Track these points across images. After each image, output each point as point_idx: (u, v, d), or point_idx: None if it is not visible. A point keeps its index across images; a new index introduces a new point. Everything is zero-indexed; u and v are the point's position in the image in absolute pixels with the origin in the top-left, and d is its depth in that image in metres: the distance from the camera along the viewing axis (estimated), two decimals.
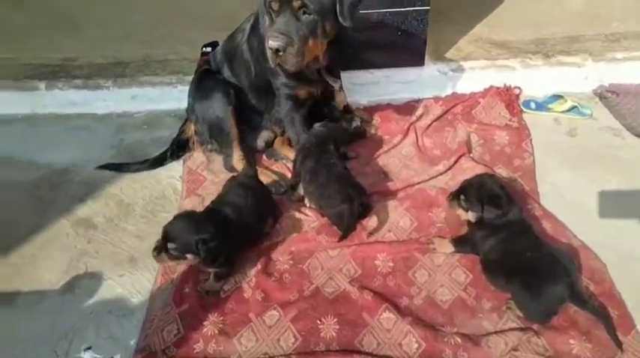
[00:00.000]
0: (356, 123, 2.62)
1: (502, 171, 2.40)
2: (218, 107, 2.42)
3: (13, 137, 2.89)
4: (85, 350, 1.81)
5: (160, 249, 1.79)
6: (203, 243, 1.78)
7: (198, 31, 3.24)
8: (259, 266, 2.04)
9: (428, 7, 2.70)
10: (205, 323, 1.86)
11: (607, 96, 2.84)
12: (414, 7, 2.68)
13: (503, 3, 3.59)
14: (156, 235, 2.09)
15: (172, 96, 2.97)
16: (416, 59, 2.89)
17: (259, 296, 1.93)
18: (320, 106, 2.54)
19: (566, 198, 2.26)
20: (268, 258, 2.07)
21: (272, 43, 1.93)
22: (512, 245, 1.81)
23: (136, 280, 2.05)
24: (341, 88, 2.55)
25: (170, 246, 1.79)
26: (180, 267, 2.05)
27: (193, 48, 3.07)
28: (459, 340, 1.73)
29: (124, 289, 2.02)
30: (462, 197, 1.94)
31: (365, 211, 2.16)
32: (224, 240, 1.86)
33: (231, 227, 1.94)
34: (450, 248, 2.01)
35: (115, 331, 1.88)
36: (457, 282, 1.94)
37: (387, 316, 1.82)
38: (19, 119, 3.02)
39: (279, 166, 2.56)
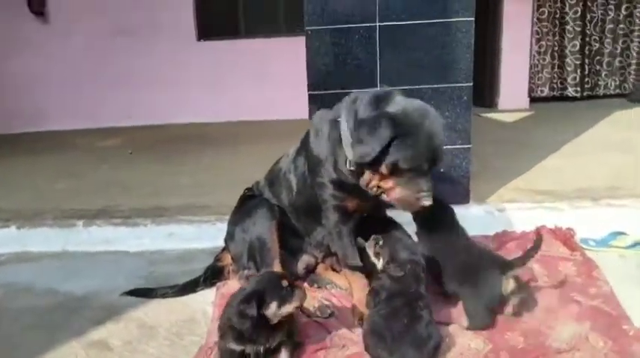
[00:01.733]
0: None
1: (582, 300, 2.09)
2: (260, 223, 2.30)
3: (36, 270, 2.73)
4: None
5: None
6: None
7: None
8: None
9: (469, 146, 2.79)
10: None
11: None
12: (455, 145, 2.77)
13: (538, 164, 3.73)
14: None
15: (210, 235, 2.88)
16: (461, 197, 2.85)
17: None
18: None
19: None
20: None
21: (427, 202, 1.83)
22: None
23: None
24: None
25: None
26: None
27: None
28: None
29: None
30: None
31: None
32: None
33: None
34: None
35: None
36: None
37: None
38: (48, 255, 2.91)
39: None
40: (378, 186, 1.91)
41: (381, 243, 1.98)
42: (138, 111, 6.57)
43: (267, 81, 6.48)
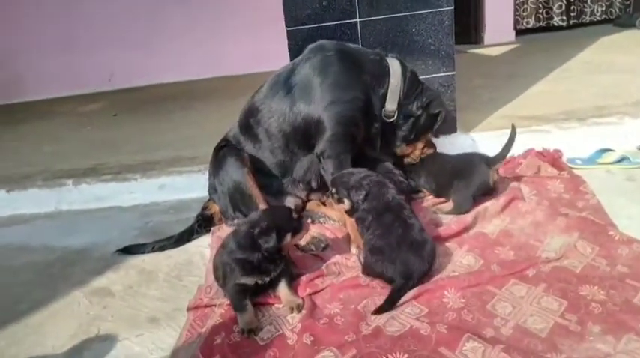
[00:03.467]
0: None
1: (569, 212, 2.13)
2: (233, 172, 2.29)
3: (30, 230, 2.74)
4: None
5: None
6: None
7: None
8: (304, 312, 1.69)
9: (454, 73, 2.76)
10: None
11: None
12: (439, 73, 2.74)
13: (524, 92, 3.72)
14: (181, 298, 1.88)
15: (201, 184, 2.86)
16: (448, 126, 2.84)
17: (308, 340, 1.55)
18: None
19: None
20: (313, 305, 1.74)
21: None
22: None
23: (157, 338, 1.70)
24: None
25: None
26: (211, 320, 1.71)
27: None
28: None
29: (142, 347, 1.66)
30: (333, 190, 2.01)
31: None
32: None
33: None
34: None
35: None
36: (550, 310, 1.56)
37: (473, 345, 1.43)
38: (42, 216, 2.91)
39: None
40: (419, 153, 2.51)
41: (333, 190, 2.01)
42: (118, 74, 6.42)
43: (249, 34, 6.31)
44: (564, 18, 6.97)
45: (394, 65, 2.33)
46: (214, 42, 6.38)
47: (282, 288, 1.77)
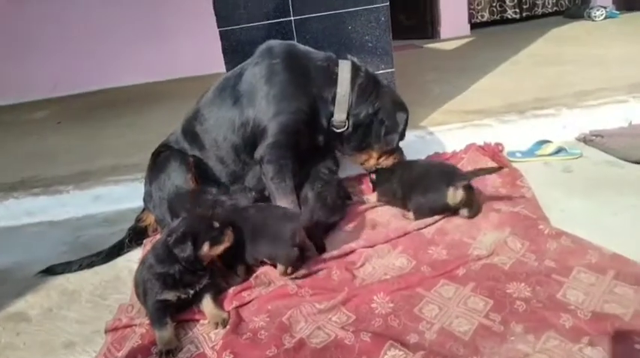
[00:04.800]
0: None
1: (502, 208, 2.11)
2: (176, 176, 2.20)
3: None
4: None
5: None
6: None
7: None
8: (228, 327, 1.62)
9: (393, 69, 2.72)
10: None
11: (592, 138, 2.72)
12: (378, 70, 2.69)
13: (472, 85, 3.72)
14: (102, 320, 1.79)
15: (139, 193, 2.70)
16: None
17: None
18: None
19: (579, 221, 1.96)
20: (239, 319, 1.66)
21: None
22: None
23: None
24: None
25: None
26: (130, 342, 1.62)
27: None
28: None
29: None
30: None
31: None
32: None
33: None
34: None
35: None
36: (476, 310, 1.53)
37: (394, 354, 1.38)
38: None
39: None
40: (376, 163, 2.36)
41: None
42: (64, 80, 6.18)
43: (199, 35, 6.16)
44: (517, 10, 7.09)
45: (344, 71, 2.20)
46: (164, 44, 6.21)
47: (207, 303, 1.68)
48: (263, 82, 2.15)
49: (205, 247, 1.66)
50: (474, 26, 7.01)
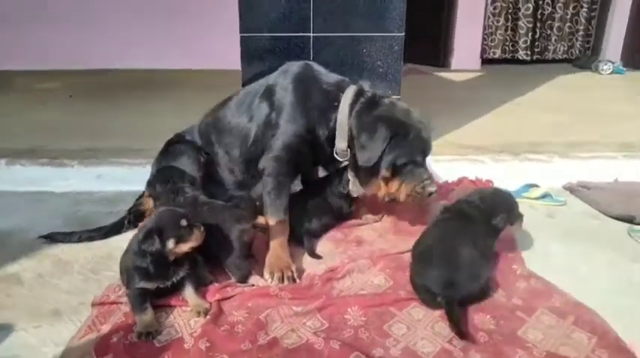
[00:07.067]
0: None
1: None
2: (184, 165, 2.30)
3: None
4: None
5: None
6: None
7: None
8: (208, 317, 1.71)
9: (399, 97, 2.84)
10: None
11: (578, 189, 2.84)
12: None
13: (473, 121, 3.84)
14: (91, 293, 1.87)
15: (139, 177, 2.81)
16: None
17: (203, 346, 1.58)
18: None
19: (554, 265, 2.08)
20: (219, 311, 1.76)
21: (433, 188, 2.06)
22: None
23: (55, 332, 1.68)
24: None
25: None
26: (114, 317, 1.72)
27: None
28: None
29: (37, 339, 1.64)
30: None
31: None
32: None
33: None
34: None
35: None
36: (441, 335, 1.63)
37: None
38: None
39: None
40: (389, 193, 2.11)
41: None
42: (80, 54, 6.29)
43: (217, 29, 6.29)
44: (528, 52, 7.27)
45: (346, 97, 2.13)
46: (193, 33, 6.33)
47: (189, 292, 1.78)
48: (274, 105, 2.22)
49: (170, 244, 1.72)
50: (485, 61, 7.18)
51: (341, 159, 2.22)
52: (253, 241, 2.04)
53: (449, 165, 2.98)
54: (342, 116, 2.13)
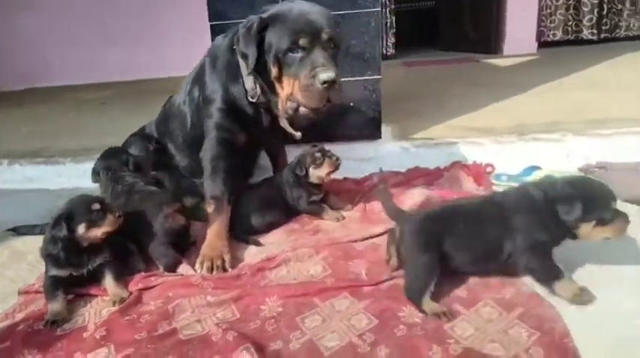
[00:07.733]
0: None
1: None
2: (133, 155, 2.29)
3: None
4: None
5: None
6: None
7: None
8: (118, 306, 1.64)
9: (379, 77, 2.63)
10: None
11: (594, 170, 2.45)
12: (364, 76, 2.62)
13: (493, 104, 3.51)
14: (31, 281, 1.85)
15: None
16: (372, 131, 2.71)
17: (98, 335, 1.50)
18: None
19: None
20: (137, 300, 1.68)
21: (325, 74, 1.69)
22: None
23: None
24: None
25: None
26: (34, 306, 1.70)
27: None
28: None
29: None
30: None
31: None
32: None
33: None
34: None
35: None
36: (354, 328, 1.43)
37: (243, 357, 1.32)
38: None
39: None
40: (291, 94, 1.80)
41: None
42: (130, 67, 6.63)
43: None
44: (595, 31, 6.54)
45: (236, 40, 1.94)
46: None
47: (109, 281, 1.72)
48: (199, 84, 2.15)
49: (81, 229, 1.66)
50: (544, 45, 6.57)
51: (253, 100, 1.99)
52: (187, 228, 1.94)
53: (444, 149, 2.71)
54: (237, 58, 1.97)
